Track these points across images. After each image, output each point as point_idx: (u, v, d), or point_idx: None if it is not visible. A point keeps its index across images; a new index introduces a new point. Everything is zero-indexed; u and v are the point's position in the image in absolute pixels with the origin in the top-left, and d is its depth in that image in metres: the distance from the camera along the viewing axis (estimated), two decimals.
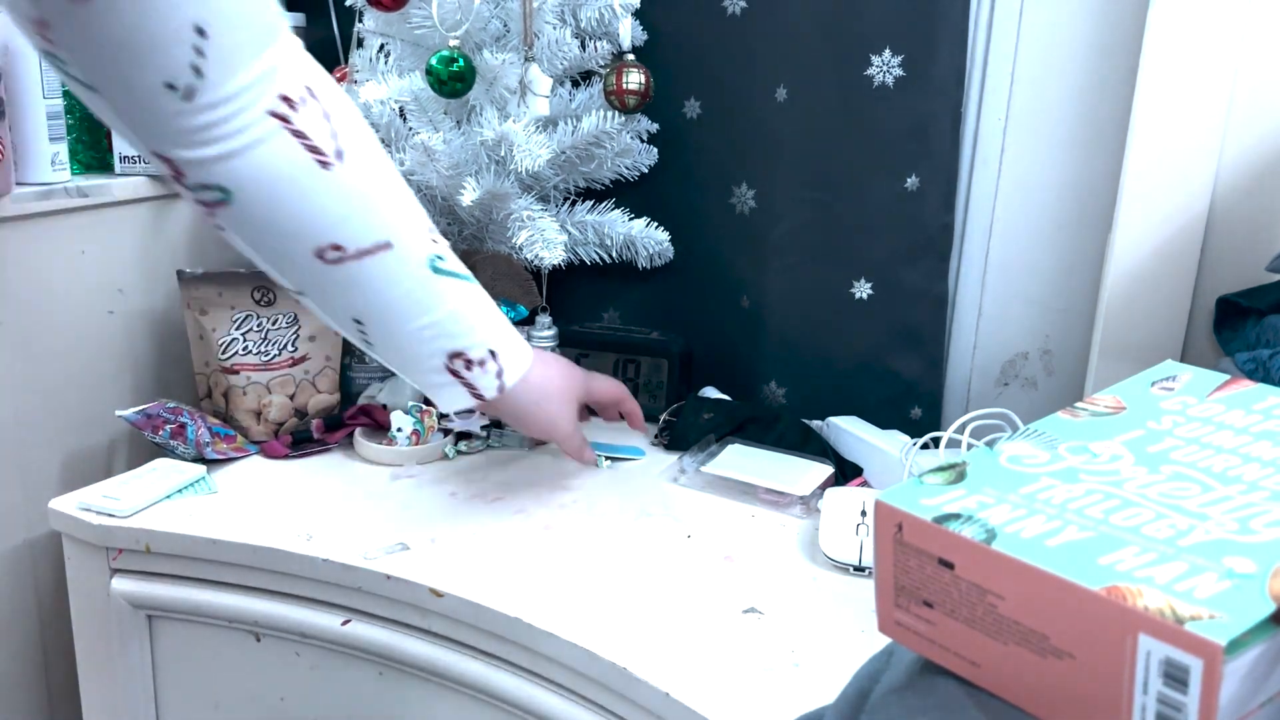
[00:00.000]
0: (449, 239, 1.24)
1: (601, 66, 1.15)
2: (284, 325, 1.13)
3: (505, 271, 1.19)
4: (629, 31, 1.13)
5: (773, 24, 1.13)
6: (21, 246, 1.02)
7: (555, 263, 1.10)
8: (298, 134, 0.69)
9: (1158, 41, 0.92)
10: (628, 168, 1.21)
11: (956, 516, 0.45)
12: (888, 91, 1.08)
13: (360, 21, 1.16)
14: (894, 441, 1.07)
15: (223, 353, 1.11)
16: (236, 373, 1.11)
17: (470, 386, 0.84)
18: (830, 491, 0.97)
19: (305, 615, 0.90)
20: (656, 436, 1.16)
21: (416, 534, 0.92)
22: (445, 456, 1.10)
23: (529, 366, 0.89)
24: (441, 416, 1.10)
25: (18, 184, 1.03)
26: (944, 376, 1.17)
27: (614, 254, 1.21)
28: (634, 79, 1.12)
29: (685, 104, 1.22)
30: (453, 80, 1.05)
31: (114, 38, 0.59)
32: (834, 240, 1.15)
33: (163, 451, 1.06)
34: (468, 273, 0.83)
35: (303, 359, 1.14)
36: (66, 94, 1.06)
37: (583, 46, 1.12)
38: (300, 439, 1.10)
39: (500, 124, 1.07)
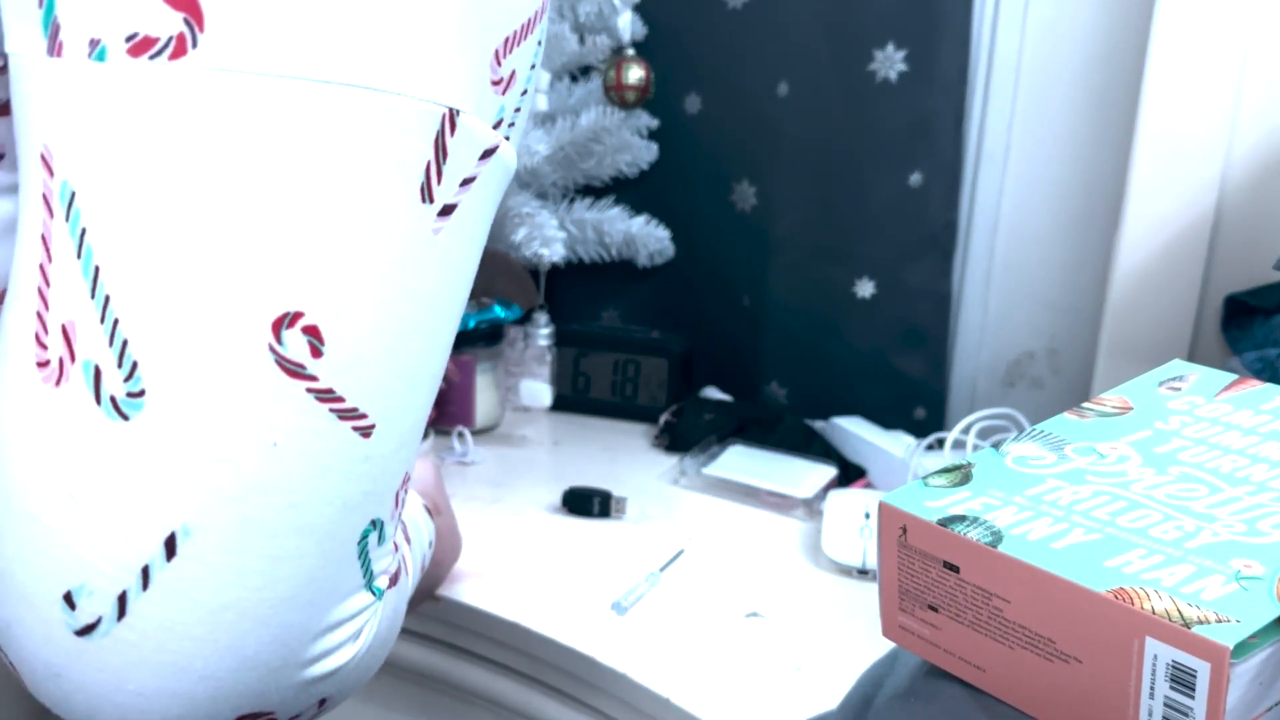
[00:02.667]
0: None
1: (601, 61, 1.14)
2: None
3: (503, 270, 1.18)
4: (629, 26, 1.12)
5: (774, 18, 1.12)
6: None
7: (554, 260, 1.10)
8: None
9: (1164, 37, 0.92)
10: (627, 164, 1.20)
11: (962, 519, 0.44)
12: (891, 87, 1.07)
13: None
14: (898, 443, 1.07)
15: None
16: None
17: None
18: (833, 493, 0.96)
19: None
20: (657, 438, 1.16)
21: None
22: None
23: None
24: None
25: None
26: (948, 376, 1.17)
27: (613, 252, 1.21)
28: (634, 74, 1.12)
29: (686, 99, 1.21)
30: None
31: None
32: (836, 238, 1.14)
33: None
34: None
35: None
36: None
37: (581, 41, 1.12)
38: None
39: None
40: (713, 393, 1.24)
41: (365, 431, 0.40)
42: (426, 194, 0.40)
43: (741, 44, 1.15)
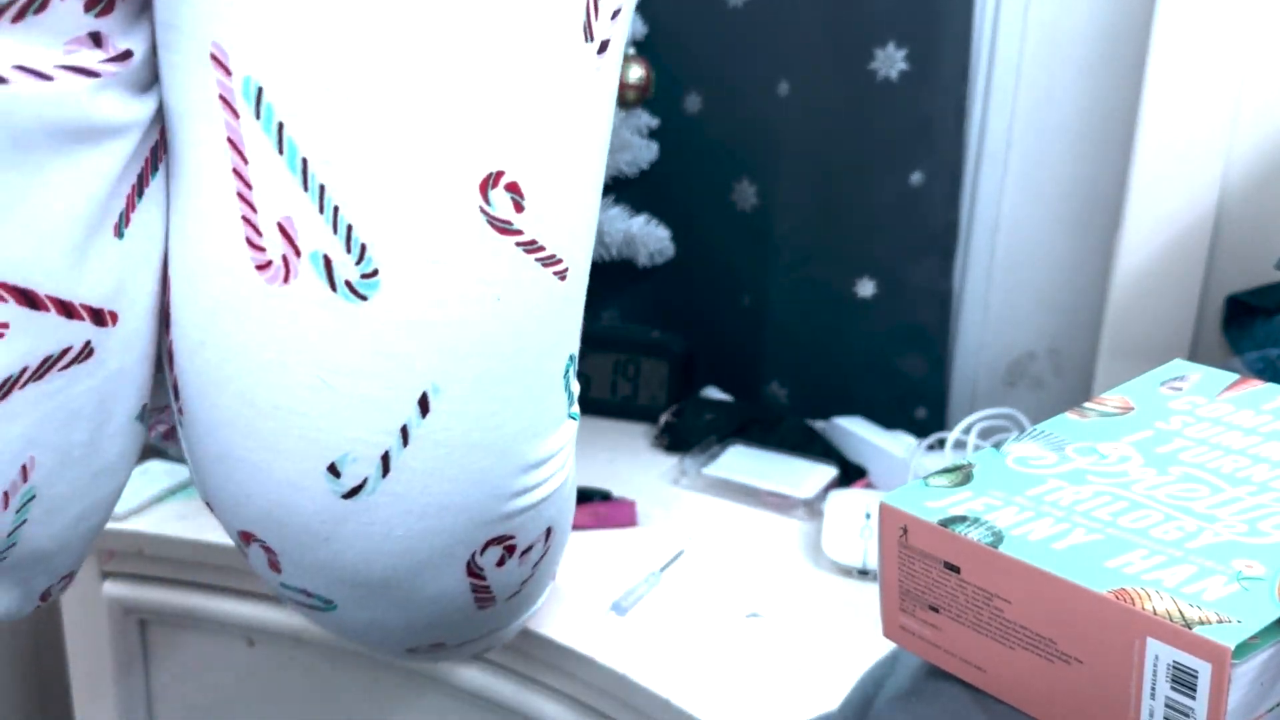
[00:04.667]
0: None
1: None
2: None
3: None
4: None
5: (775, 17, 1.12)
6: None
7: None
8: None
9: (1166, 36, 0.91)
10: (627, 163, 1.20)
11: (963, 519, 0.44)
12: (892, 86, 1.07)
13: None
14: (899, 442, 1.06)
15: None
16: None
17: None
18: (834, 494, 0.96)
19: (300, 620, 0.89)
20: (657, 438, 1.15)
21: None
22: None
23: None
24: None
25: None
26: (949, 376, 1.16)
27: (613, 252, 1.20)
28: (634, 73, 1.12)
29: (686, 99, 1.21)
30: None
31: None
32: (837, 238, 1.14)
33: (155, 453, 1.05)
34: None
35: None
36: None
37: None
38: None
39: None
40: (713, 393, 1.23)
41: (561, 275, 0.44)
42: (589, 32, 0.42)
43: (742, 43, 1.15)
